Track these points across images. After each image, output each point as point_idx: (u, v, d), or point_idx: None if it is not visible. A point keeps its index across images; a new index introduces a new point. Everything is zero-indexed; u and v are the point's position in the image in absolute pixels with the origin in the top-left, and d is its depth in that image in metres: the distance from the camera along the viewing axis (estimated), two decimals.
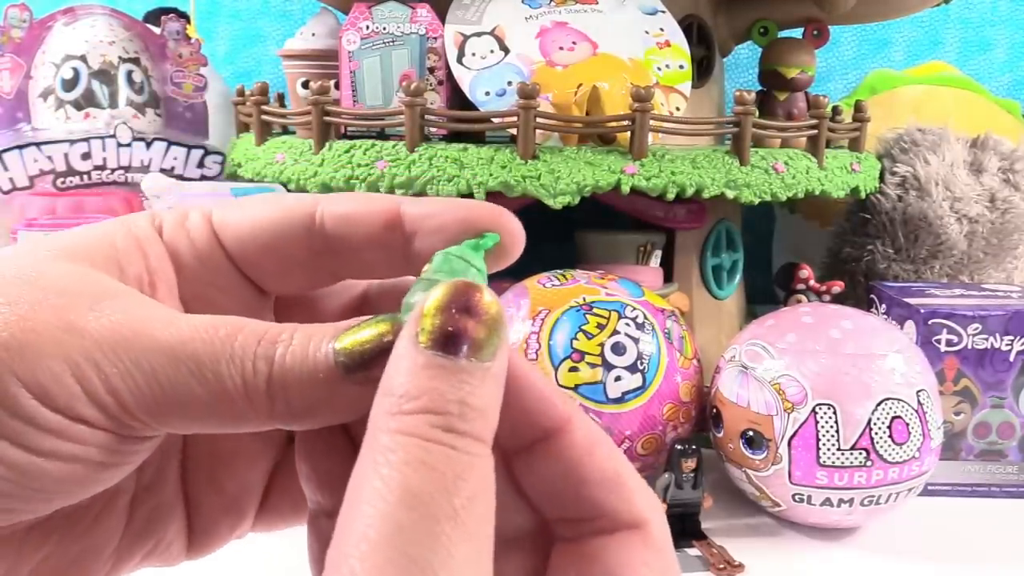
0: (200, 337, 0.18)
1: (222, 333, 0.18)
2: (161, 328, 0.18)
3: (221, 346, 0.18)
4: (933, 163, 0.83)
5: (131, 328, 0.18)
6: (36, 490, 0.18)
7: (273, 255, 0.22)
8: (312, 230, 0.21)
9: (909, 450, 0.54)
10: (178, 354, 0.18)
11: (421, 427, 0.16)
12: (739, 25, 0.84)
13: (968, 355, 0.63)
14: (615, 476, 0.19)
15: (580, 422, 0.19)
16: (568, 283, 0.61)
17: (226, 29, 1.16)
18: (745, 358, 0.58)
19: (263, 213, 0.22)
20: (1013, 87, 1.18)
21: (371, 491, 0.15)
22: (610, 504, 0.18)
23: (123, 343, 0.17)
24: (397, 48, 0.67)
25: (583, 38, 0.68)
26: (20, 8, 0.79)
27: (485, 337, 0.16)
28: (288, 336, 0.18)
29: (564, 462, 0.19)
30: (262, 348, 0.18)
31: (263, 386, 0.18)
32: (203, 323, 0.18)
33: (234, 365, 0.18)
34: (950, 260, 0.83)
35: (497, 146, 0.63)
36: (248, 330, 0.18)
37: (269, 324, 0.19)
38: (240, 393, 0.18)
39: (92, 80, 0.80)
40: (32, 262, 0.19)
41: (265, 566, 0.53)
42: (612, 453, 0.19)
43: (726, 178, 0.64)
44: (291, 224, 0.21)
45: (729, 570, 0.53)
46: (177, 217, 0.22)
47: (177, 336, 0.18)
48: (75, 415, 0.17)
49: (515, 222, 0.20)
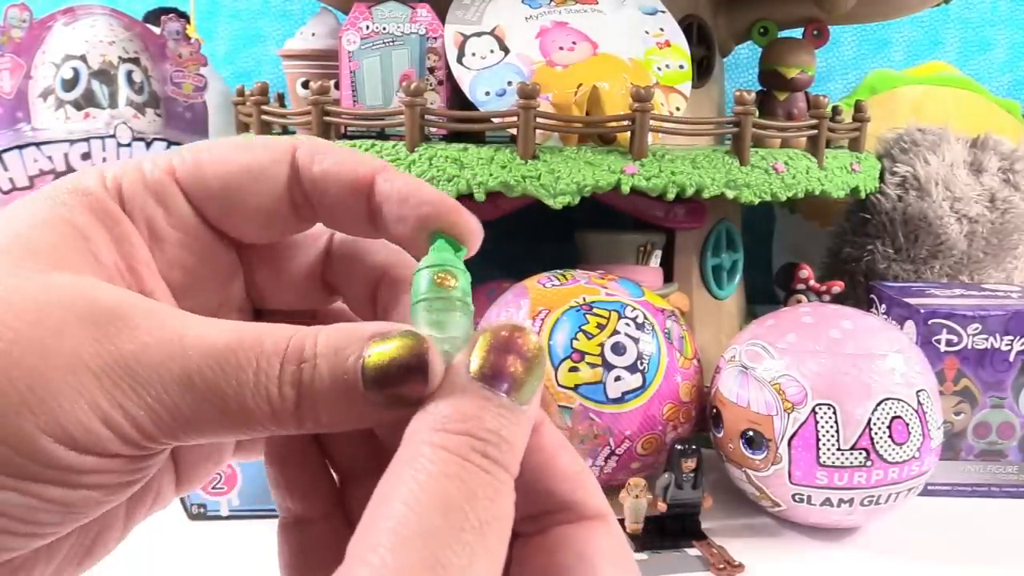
0: (219, 367, 0.18)
1: (242, 360, 0.18)
2: (178, 356, 0.18)
3: (244, 375, 0.18)
4: (933, 163, 0.83)
5: (147, 359, 0.18)
6: (57, 522, 0.18)
7: (248, 209, 0.22)
8: (292, 183, 0.21)
9: (909, 450, 0.54)
10: (198, 385, 0.18)
11: (462, 447, 0.17)
12: (739, 25, 0.84)
13: (968, 355, 0.63)
14: (578, 475, 0.20)
15: (549, 425, 0.20)
16: (568, 283, 0.61)
17: (226, 29, 1.16)
18: (745, 358, 0.58)
19: (235, 166, 0.21)
20: (1013, 87, 1.18)
21: (407, 492, 0.16)
22: (577, 496, 0.19)
23: (140, 377, 0.17)
24: (397, 48, 0.67)
25: (583, 38, 0.68)
26: (20, 8, 0.79)
27: (526, 380, 0.18)
28: (312, 353, 0.18)
29: (535, 459, 0.19)
30: (287, 372, 0.18)
31: (291, 408, 0.18)
32: (218, 347, 0.18)
33: (260, 395, 0.18)
34: (950, 260, 0.83)
35: (497, 146, 0.63)
36: (268, 349, 0.18)
37: (286, 334, 0.18)
38: (267, 416, 0.18)
39: (92, 80, 0.80)
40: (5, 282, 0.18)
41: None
42: (574, 454, 0.20)
43: (726, 178, 0.64)
44: (268, 177, 0.21)
45: (729, 570, 0.53)
46: (135, 177, 0.21)
47: (195, 366, 0.18)
48: (100, 451, 0.17)
49: (474, 222, 0.21)
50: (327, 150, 0.22)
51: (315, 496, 0.23)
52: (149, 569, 0.53)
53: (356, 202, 0.21)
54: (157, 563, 0.53)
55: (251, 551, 0.55)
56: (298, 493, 0.22)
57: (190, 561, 0.54)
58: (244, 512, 0.58)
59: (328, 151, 0.22)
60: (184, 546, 0.56)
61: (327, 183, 0.21)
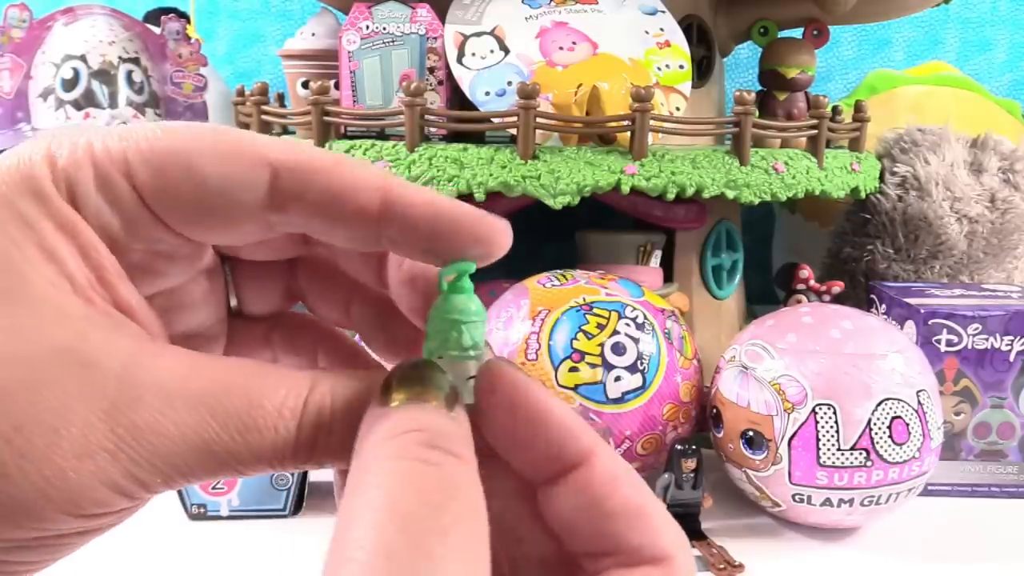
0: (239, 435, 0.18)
1: (260, 424, 0.18)
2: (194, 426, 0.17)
3: (262, 440, 0.18)
4: (933, 163, 0.83)
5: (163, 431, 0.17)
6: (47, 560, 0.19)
7: (218, 227, 0.20)
8: (270, 207, 0.19)
9: (909, 450, 0.54)
10: (218, 454, 0.18)
11: (407, 446, 0.16)
12: (739, 25, 0.84)
13: (968, 355, 0.63)
14: (637, 510, 0.18)
15: (603, 454, 0.19)
16: (568, 283, 0.61)
17: (226, 29, 1.16)
18: (745, 358, 0.58)
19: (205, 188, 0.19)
20: (1013, 87, 1.18)
21: (361, 514, 0.15)
22: (633, 539, 0.18)
23: (159, 450, 0.17)
24: (397, 48, 0.67)
25: (583, 38, 0.68)
26: (20, 8, 0.79)
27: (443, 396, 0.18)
28: (328, 419, 0.18)
29: (586, 495, 0.18)
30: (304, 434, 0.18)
31: (302, 461, 0.18)
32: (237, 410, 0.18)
33: (276, 455, 0.18)
34: (950, 260, 0.83)
35: (497, 146, 0.63)
36: (286, 412, 0.18)
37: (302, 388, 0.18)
38: (275, 466, 0.18)
39: (92, 80, 0.80)
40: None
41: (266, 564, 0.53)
42: (635, 485, 0.19)
43: (726, 178, 0.64)
44: (242, 201, 0.19)
45: (729, 570, 0.53)
46: (86, 174, 0.18)
47: (215, 436, 0.18)
48: (105, 512, 0.18)
49: (498, 226, 0.20)
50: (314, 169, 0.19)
51: None
52: (149, 569, 0.53)
53: (359, 231, 0.19)
54: (157, 563, 0.53)
55: (251, 551, 0.55)
56: None
57: (190, 561, 0.54)
58: (244, 512, 0.58)
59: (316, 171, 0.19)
60: (184, 546, 0.56)
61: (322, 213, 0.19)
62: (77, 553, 0.19)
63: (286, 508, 0.58)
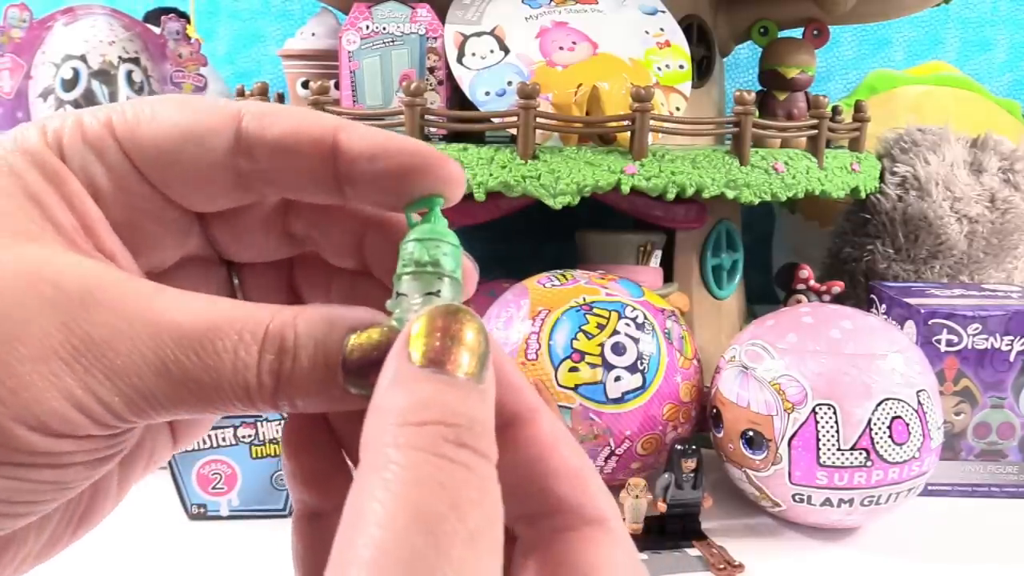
0: (196, 355, 0.17)
1: (219, 348, 0.18)
2: (152, 342, 0.17)
3: (221, 363, 0.17)
4: (933, 163, 0.83)
5: (119, 345, 0.17)
6: (42, 500, 0.18)
7: (185, 176, 0.20)
8: (237, 152, 0.20)
9: (909, 450, 0.54)
10: (173, 373, 0.17)
11: (433, 440, 0.15)
12: (739, 25, 0.84)
13: (968, 355, 0.63)
14: (578, 471, 0.18)
15: (547, 416, 0.19)
16: (568, 283, 0.61)
17: (226, 29, 1.16)
18: (745, 358, 0.58)
19: (173, 129, 0.20)
20: (1013, 87, 1.18)
21: (381, 511, 0.14)
22: (573, 498, 0.18)
23: (113, 364, 0.17)
24: (397, 48, 0.67)
25: (583, 38, 0.68)
26: (20, 8, 0.79)
27: (475, 357, 0.16)
28: (292, 344, 0.18)
29: (532, 451, 0.18)
30: (266, 361, 0.18)
31: (268, 395, 0.18)
32: (194, 332, 0.17)
33: (237, 383, 0.18)
34: (950, 260, 0.83)
35: (497, 146, 0.63)
36: (247, 338, 0.18)
37: (264, 317, 0.18)
38: (242, 399, 0.18)
39: (92, 80, 0.80)
40: None
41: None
42: (576, 449, 0.19)
43: (726, 178, 0.64)
44: (207, 145, 0.20)
45: (729, 570, 0.53)
46: (74, 131, 0.20)
47: (171, 354, 0.17)
48: (75, 435, 0.17)
49: (454, 166, 0.20)
50: (276, 112, 0.20)
51: (331, 488, 0.21)
52: (149, 569, 0.53)
53: (318, 168, 0.20)
54: (157, 563, 0.53)
55: (251, 551, 0.55)
56: (314, 485, 0.21)
57: (190, 561, 0.54)
58: (244, 512, 0.58)
59: (278, 114, 0.20)
60: (184, 546, 0.56)
61: (282, 151, 0.20)
62: (77, 552, 0.19)
63: (286, 508, 0.58)
